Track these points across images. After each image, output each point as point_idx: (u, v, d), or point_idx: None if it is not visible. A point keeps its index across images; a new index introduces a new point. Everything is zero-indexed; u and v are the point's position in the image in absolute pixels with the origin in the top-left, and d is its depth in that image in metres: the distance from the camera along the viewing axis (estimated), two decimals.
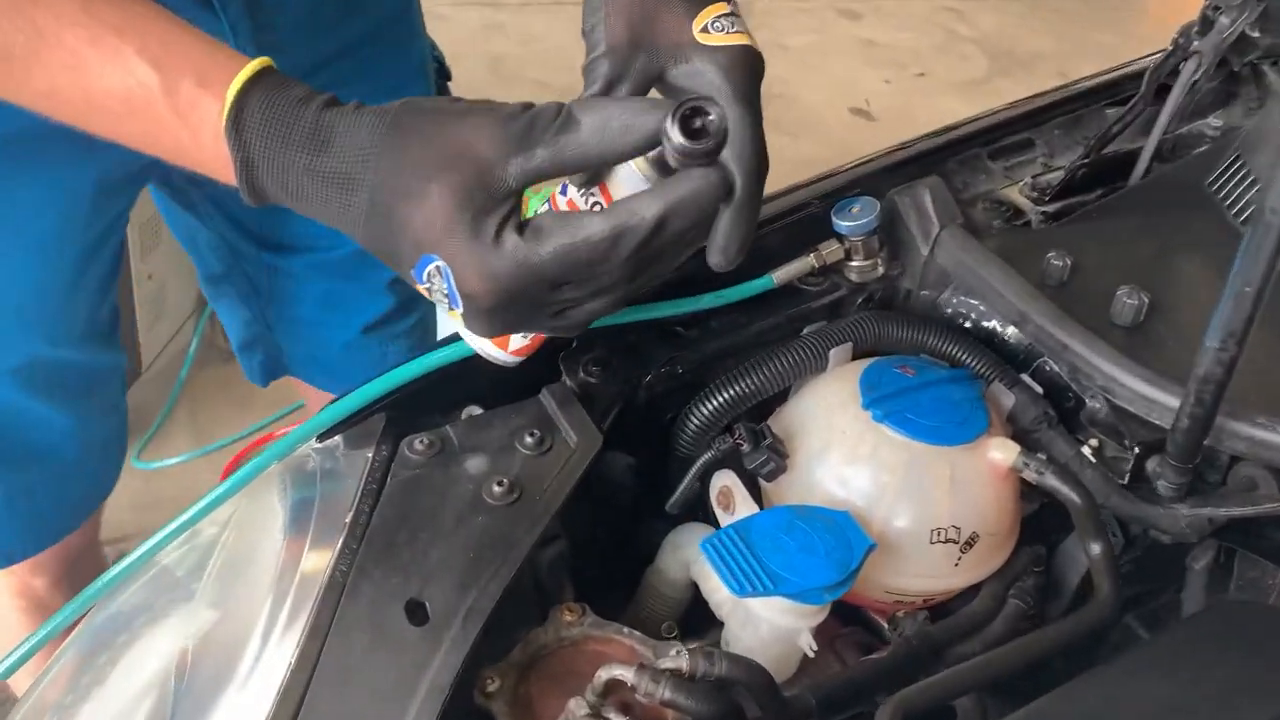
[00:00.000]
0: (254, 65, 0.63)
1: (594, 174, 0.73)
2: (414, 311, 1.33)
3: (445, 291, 0.62)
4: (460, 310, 0.64)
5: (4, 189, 1.00)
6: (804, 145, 3.06)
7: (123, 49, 0.63)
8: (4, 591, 1.39)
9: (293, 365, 1.37)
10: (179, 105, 0.63)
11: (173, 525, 0.78)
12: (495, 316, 0.64)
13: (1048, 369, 0.94)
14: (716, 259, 0.69)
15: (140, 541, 0.78)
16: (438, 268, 0.61)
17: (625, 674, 0.73)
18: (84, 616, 0.82)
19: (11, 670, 0.78)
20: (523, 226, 0.62)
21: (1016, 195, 1.09)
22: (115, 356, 1.25)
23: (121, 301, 1.67)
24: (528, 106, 0.63)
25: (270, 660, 0.72)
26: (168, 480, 2.03)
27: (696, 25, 0.73)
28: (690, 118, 0.62)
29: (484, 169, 0.60)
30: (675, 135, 0.61)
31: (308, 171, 0.61)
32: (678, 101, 0.62)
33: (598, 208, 0.70)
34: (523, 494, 0.79)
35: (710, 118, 0.62)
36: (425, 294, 0.64)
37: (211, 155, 0.64)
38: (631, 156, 0.65)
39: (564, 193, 0.75)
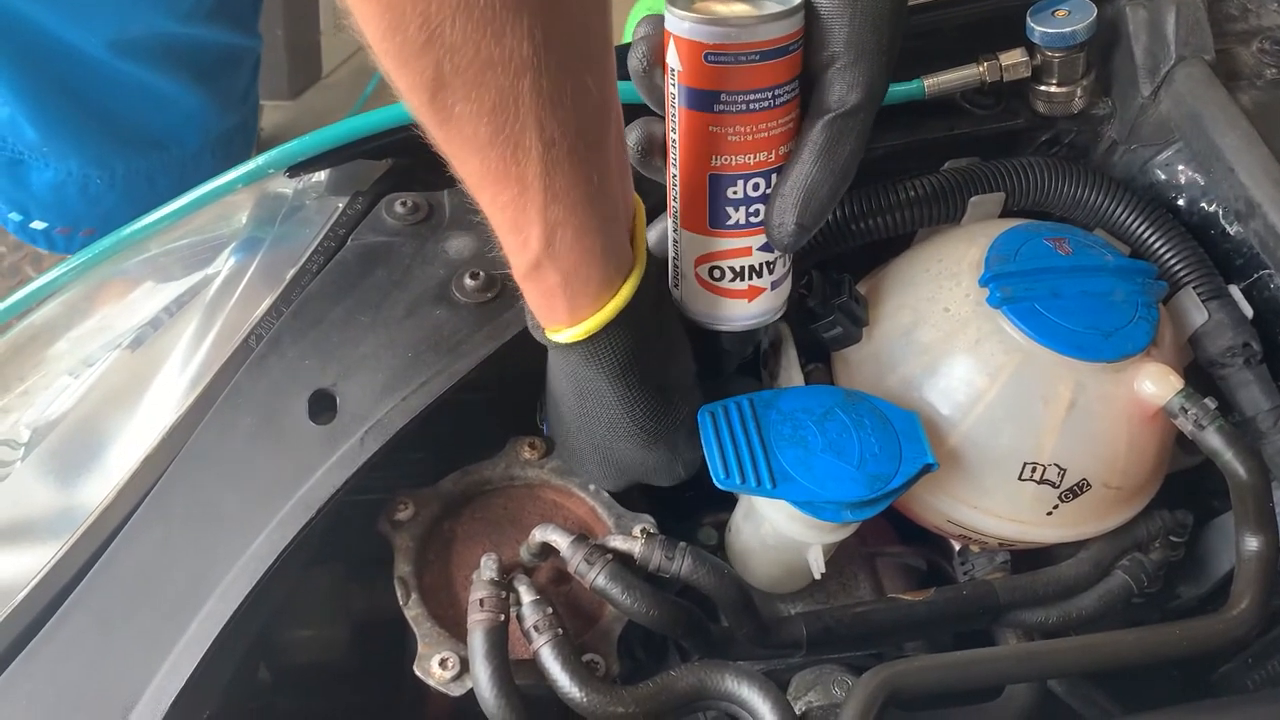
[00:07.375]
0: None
1: None
2: None
3: None
4: None
5: None
6: None
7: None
8: None
9: None
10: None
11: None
12: None
13: (1273, 286, 0.68)
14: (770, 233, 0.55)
15: None
16: None
17: (560, 541, 0.58)
18: None
19: (83, 268, 0.75)
20: None
21: None
22: (249, 40, 1.19)
23: None
24: None
25: (165, 406, 0.62)
26: None
27: None
28: None
29: None
30: None
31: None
32: None
33: None
34: (500, 294, 0.62)
35: None
36: None
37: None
38: None
39: None
